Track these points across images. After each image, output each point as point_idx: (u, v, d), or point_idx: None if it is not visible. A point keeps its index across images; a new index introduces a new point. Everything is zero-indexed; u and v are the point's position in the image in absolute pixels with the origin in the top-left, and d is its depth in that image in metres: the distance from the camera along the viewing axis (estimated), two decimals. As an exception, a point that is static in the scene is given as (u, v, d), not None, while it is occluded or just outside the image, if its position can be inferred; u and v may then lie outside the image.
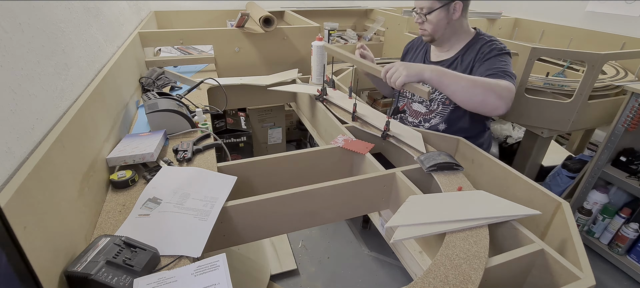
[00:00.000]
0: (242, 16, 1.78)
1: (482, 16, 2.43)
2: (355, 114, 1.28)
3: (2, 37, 0.61)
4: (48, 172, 0.63)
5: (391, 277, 1.60)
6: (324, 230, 1.84)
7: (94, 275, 0.59)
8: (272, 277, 1.52)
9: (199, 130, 1.18)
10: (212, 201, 0.83)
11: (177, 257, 0.69)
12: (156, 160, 0.98)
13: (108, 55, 1.23)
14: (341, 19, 2.66)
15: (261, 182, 1.07)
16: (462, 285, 0.63)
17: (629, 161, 1.57)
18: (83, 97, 0.88)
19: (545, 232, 0.88)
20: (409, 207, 0.83)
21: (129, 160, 0.95)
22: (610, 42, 1.91)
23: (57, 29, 0.85)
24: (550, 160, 1.99)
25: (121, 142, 1.03)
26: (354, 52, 1.44)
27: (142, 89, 1.50)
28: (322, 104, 1.44)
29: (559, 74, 1.91)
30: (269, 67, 1.96)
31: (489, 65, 1.18)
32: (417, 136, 1.16)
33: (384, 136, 1.15)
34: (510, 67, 1.19)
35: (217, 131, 2.04)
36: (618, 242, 1.63)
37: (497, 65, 1.16)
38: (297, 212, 0.91)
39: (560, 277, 0.70)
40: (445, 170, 0.99)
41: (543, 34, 2.28)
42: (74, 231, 0.68)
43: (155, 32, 1.75)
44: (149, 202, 0.82)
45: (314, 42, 1.59)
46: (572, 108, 1.50)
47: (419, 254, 0.93)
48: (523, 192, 0.93)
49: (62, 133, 0.71)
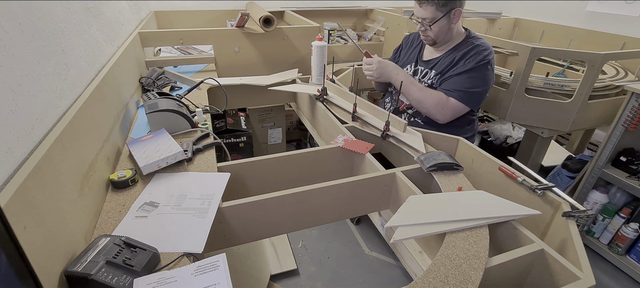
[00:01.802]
0: (242, 16, 1.78)
1: (482, 16, 2.42)
2: (355, 113, 1.28)
3: (2, 37, 0.61)
4: (48, 172, 0.63)
5: (391, 277, 1.60)
6: (324, 230, 1.84)
7: (94, 275, 0.59)
8: (272, 277, 1.52)
9: (199, 130, 1.18)
10: (209, 198, 0.84)
11: (177, 257, 0.69)
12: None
13: (108, 55, 1.22)
14: (341, 19, 2.66)
15: (261, 182, 1.07)
16: (462, 285, 0.63)
17: (629, 161, 1.57)
18: (83, 97, 0.88)
19: (545, 232, 0.88)
20: (409, 207, 0.83)
21: (162, 164, 0.95)
22: (610, 42, 1.90)
23: (57, 29, 0.85)
24: (550, 160, 1.99)
25: (133, 149, 1.02)
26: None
27: (142, 89, 1.50)
28: (322, 104, 1.44)
29: (559, 74, 1.91)
30: (269, 67, 1.96)
31: (453, 81, 1.32)
32: (417, 136, 1.16)
33: (384, 136, 1.16)
34: (477, 83, 1.30)
35: (217, 131, 2.04)
36: (618, 242, 1.63)
37: (462, 83, 1.30)
38: (297, 212, 0.91)
39: (560, 277, 0.70)
40: (445, 170, 0.99)
41: (543, 34, 2.28)
42: (74, 231, 0.68)
43: (155, 32, 1.75)
44: (146, 205, 0.82)
45: (314, 42, 1.59)
46: (572, 108, 1.50)
47: (419, 254, 0.93)
48: (523, 192, 0.93)
49: (62, 133, 0.71)
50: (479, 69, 1.28)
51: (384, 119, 1.19)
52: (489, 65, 1.29)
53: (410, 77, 1.38)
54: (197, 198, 0.84)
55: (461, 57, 1.32)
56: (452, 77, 1.32)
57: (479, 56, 1.28)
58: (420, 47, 1.50)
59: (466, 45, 1.33)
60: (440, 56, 1.39)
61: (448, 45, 1.39)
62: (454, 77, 1.31)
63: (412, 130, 1.19)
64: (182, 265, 0.67)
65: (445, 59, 1.36)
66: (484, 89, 1.31)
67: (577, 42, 2.07)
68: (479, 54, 1.29)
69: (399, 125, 1.19)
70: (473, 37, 1.36)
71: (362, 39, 2.54)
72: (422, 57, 1.47)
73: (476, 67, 1.28)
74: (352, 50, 2.23)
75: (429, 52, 1.45)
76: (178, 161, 0.99)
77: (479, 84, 1.29)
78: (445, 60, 1.36)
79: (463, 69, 1.30)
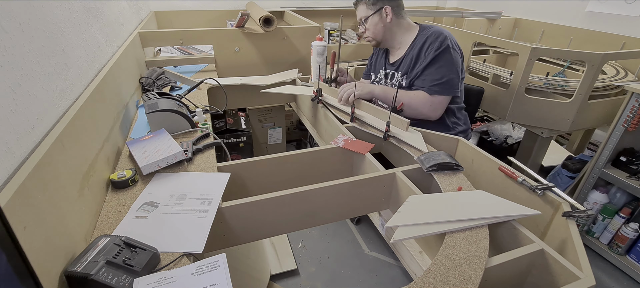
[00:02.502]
0: (242, 16, 1.78)
1: (482, 16, 2.43)
2: (353, 115, 1.28)
3: (2, 37, 0.61)
4: (48, 172, 0.63)
5: (391, 277, 1.60)
6: (324, 230, 1.84)
7: (94, 275, 0.59)
8: (272, 277, 1.52)
9: (199, 130, 1.18)
10: (209, 198, 0.84)
11: (177, 257, 0.69)
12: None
13: (108, 55, 1.23)
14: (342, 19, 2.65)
15: (261, 182, 1.07)
16: (462, 285, 0.63)
17: (629, 161, 1.57)
18: (83, 97, 0.88)
19: (545, 232, 0.88)
20: (409, 207, 0.83)
21: (162, 164, 0.95)
22: (610, 42, 1.91)
23: (57, 29, 0.85)
24: (550, 160, 1.99)
25: (133, 149, 1.02)
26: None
27: (142, 89, 1.50)
28: (318, 105, 1.44)
29: (559, 74, 1.91)
30: (269, 67, 1.96)
31: (425, 78, 1.33)
32: (418, 135, 1.16)
33: (386, 137, 1.16)
34: (445, 70, 1.30)
35: (217, 131, 2.04)
36: (618, 242, 1.63)
37: (432, 76, 1.31)
38: (297, 212, 0.91)
39: (560, 277, 0.70)
40: (445, 170, 0.99)
41: (543, 34, 2.28)
42: (74, 231, 0.68)
43: (155, 32, 1.75)
44: (146, 205, 0.82)
45: (314, 42, 1.59)
46: (572, 108, 1.50)
47: (419, 254, 0.93)
48: (523, 192, 0.93)
49: (62, 133, 0.71)
50: (441, 55, 1.29)
51: (383, 119, 1.19)
52: (450, 48, 1.30)
53: (387, 89, 1.40)
54: (197, 198, 0.84)
55: (419, 50, 1.34)
56: (421, 74, 1.33)
57: (436, 43, 1.30)
58: (385, 52, 1.53)
59: (421, 38, 1.36)
60: (402, 57, 1.42)
61: (404, 44, 1.42)
62: (421, 73, 1.33)
63: (412, 130, 1.20)
64: (182, 265, 0.67)
65: (406, 58, 1.39)
66: (455, 73, 1.32)
67: (577, 42, 2.07)
68: (435, 41, 1.30)
69: (401, 124, 1.19)
70: (424, 29, 1.38)
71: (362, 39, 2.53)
72: (388, 61, 1.51)
73: (438, 56, 1.29)
74: (352, 50, 2.23)
75: (393, 56, 1.49)
76: (178, 161, 0.99)
77: (447, 71, 1.30)
78: (406, 60, 1.39)
79: (426, 62, 1.31)
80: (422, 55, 1.33)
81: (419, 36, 1.38)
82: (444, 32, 1.32)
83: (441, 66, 1.30)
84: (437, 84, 1.30)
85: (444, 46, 1.29)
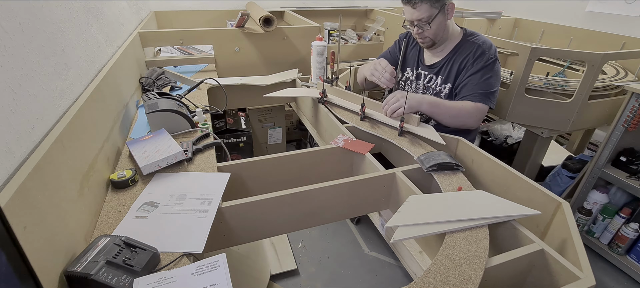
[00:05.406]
0: (242, 16, 1.78)
1: (482, 16, 2.43)
2: (364, 113, 1.28)
3: (2, 37, 0.61)
4: (48, 172, 0.63)
5: (391, 277, 1.60)
6: (324, 230, 1.84)
7: (94, 275, 0.59)
8: (272, 277, 1.52)
9: (199, 130, 1.18)
10: (209, 198, 0.84)
11: (177, 257, 0.69)
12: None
13: (108, 55, 1.23)
14: (341, 18, 2.66)
15: (261, 182, 1.07)
16: (462, 285, 0.63)
17: (629, 161, 1.57)
18: (83, 97, 0.88)
19: (545, 232, 0.88)
20: (409, 207, 0.83)
21: (162, 164, 0.95)
22: (610, 42, 1.90)
23: (57, 29, 0.85)
24: (550, 160, 1.99)
25: (133, 149, 1.02)
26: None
27: (142, 89, 1.50)
28: (324, 106, 1.43)
29: (559, 74, 1.91)
30: (269, 67, 1.96)
31: (474, 85, 1.29)
32: (430, 129, 1.18)
33: (401, 133, 1.18)
34: (493, 81, 1.29)
35: (217, 131, 2.04)
36: (618, 242, 1.63)
37: (481, 86, 1.28)
38: (297, 212, 0.91)
39: (560, 277, 0.70)
40: (445, 170, 0.99)
41: (543, 34, 2.28)
42: (74, 231, 0.68)
43: (155, 32, 1.75)
44: (146, 205, 0.82)
45: (314, 42, 1.59)
46: (572, 108, 1.50)
47: (419, 254, 0.93)
48: (523, 192, 0.93)
49: (62, 133, 0.71)
50: (491, 66, 1.28)
51: (393, 116, 1.22)
52: (497, 60, 1.30)
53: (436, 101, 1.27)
54: (197, 198, 0.84)
55: (467, 58, 1.31)
56: (470, 82, 1.30)
57: (488, 54, 1.28)
58: (419, 49, 1.47)
59: (468, 45, 1.32)
60: (443, 60, 1.37)
61: (446, 47, 1.37)
62: (470, 81, 1.29)
63: (423, 125, 1.22)
64: (182, 265, 0.67)
65: (449, 64, 1.35)
66: (499, 85, 1.32)
67: (577, 42, 2.07)
68: (486, 51, 1.29)
69: (413, 121, 1.20)
70: (471, 35, 1.35)
71: (362, 39, 2.54)
72: (423, 60, 1.45)
73: (488, 66, 1.28)
74: (352, 50, 2.23)
75: (429, 57, 1.43)
76: (178, 161, 0.99)
77: (494, 82, 1.29)
78: (452, 67, 1.34)
79: (475, 70, 1.28)
80: (470, 63, 1.30)
81: (465, 42, 1.34)
82: (491, 43, 1.32)
83: (490, 77, 1.28)
84: (485, 93, 1.27)
85: (494, 58, 1.29)
